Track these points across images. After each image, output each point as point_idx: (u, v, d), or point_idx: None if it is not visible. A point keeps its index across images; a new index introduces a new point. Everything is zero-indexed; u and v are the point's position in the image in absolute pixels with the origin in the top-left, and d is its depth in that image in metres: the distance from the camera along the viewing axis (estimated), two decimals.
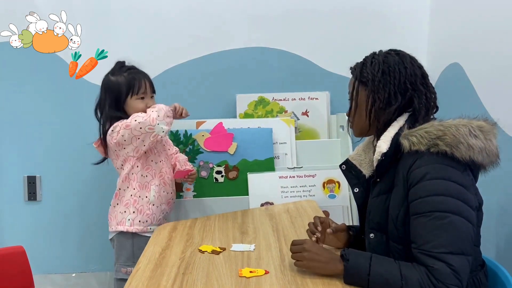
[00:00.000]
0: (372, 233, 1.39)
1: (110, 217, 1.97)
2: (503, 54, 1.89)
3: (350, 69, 1.48)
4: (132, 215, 1.91)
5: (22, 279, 1.70)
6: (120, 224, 1.92)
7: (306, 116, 2.52)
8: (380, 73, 1.37)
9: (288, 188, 2.27)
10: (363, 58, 1.45)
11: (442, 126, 1.26)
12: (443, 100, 1.50)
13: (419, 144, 1.26)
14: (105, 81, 1.95)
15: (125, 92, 1.91)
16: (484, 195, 1.34)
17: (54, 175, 2.57)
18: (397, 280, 1.17)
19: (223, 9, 2.53)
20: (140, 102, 1.92)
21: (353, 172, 1.51)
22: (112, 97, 1.91)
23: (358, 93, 1.42)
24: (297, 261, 1.31)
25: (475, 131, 1.25)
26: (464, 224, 1.18)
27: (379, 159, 1.34)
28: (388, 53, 1.41)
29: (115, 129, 1.86)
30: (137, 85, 1.92)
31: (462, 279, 1.15)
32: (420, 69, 1.41)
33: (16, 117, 2.53)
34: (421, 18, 2.58)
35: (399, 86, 1.36)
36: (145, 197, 1.93)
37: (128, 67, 1.96)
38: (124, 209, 1.92)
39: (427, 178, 1.22)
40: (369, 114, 1.39)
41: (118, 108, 1.91)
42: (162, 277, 1.31)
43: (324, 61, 2.60)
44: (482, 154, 1.24)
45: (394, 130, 1.34)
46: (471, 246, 1.20)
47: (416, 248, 1.21)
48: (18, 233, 2.57)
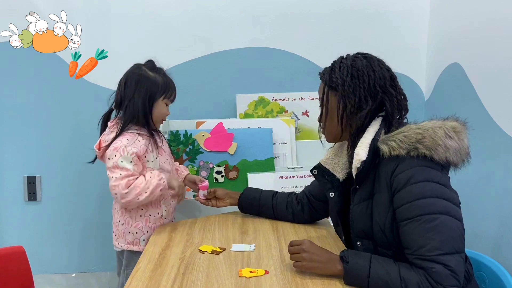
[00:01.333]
0: (358, 241, 1.39)
1: (117, 233, 1.87)
2: (503, 54, 1.89)
3: (318, 74, 1.47)
4: (146, 234, 1.83)
5: (22, 279, 1.70)
6: (133, 244, 1.84)
7: (306, 116, 2.53)
8: (349, 78, 1.37)
9: (288, 188, 2.27)
10: (331, 63, 1.46)
11: (419, 129, 1.27)
12: (443, 100, 1.50)
13: (399, 148, 1.26)
14: (140, 74, 1.84)
15: (161, 92, 1.85)
16: (483, 194, 1.34)
17: (54, 175, 2.58)
18: (397, 282, 1.18)
19: (223, 9, 2.53)
20: (165, 108, 1.89)
21: (326, 177, 1.51)
22: (146, 92, 1.82)
23: (328, 98, 1.42)
24: (295, 262, 1.31)
25: (450, 132, 1.27)
26: (454, 222, 1.20)
27: (358, 167, 1.33)
28: (356, 57, 1.42)
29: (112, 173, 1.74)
30: (171, 89, 1.88)
31: (459, 278, 1.16)
32: (389, 71, 1.41)
33: (16, 117, 2.53)
34: (421, 18, 2.58)
35: (369, 89, 1.36)
36: (157, 214, 1.86)
37: (162, 69, 1.92)
38: (136, 230, 1.83)
39: (411, 182, 1.23)
40: (340, 120, 1.39)
41: (147, 103, 1.82)
42: (162, 277, 1.31)
43: (324, 61, 2.56)
44: (457, 154, 1.26)
45: (370, 135, 1.34)
46: (462, 243, 1.22)
47: (411, 254, 1.21)
48: (18, 233, 2.57)
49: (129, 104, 1.82)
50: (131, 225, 1.84)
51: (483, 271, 1.43)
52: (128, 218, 1.84)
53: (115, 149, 1.76)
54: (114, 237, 1.90)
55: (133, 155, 1.76)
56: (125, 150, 1.76)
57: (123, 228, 1.85)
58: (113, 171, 1.75)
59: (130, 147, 1.76)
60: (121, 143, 1.77)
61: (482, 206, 1.93)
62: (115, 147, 1.76)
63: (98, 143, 1.88)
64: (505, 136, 1.85)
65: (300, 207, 1.74)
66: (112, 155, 1.76)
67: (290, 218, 1.76)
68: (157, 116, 1.87)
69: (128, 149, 1.76)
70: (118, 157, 1.75)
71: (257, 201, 1.79)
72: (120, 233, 1.86)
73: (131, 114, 1.81)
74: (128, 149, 1.76)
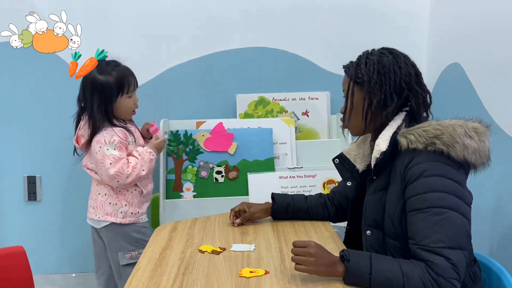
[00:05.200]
0: (368, 230, 1.40)
1: (96, 206, 1.99)
2: (503, 54, 1.89)
3: (343, 67, 1.47)
4: (124, 207, 1.96)
5: (22, 279, 1.70)
6: (111, 215, 1.96)
7: (306, 116, 2.53)
8: (375, 74, 1.37)
9: (288, 188, 2.27)
10: (357, 57, 1.45)
11: (439, 125, 1.28)
12: (443, 100, 1.50)
13: (417, 142, 1.27)
14: (92, 81, 1.91)
15: (116, 92, 1.91)
16: (483, 194, 1.35)
17: (54, 175, 2.58)
18: (399, 277, 1.18)
19: (223, 9, 2.53)
20: (129, 100, 1.96)
21: (346, 166, 1.53)
22: (102, 97, 1.91)
23: (353, 93, 1.42)
24: (297, 264, 1.26)
25: (470, 132, 1.27)
26: (461, 219, 1.21)
27: (377, 157, 1.34)
28: (382, 53, 1.41)
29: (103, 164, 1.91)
30: (126, 84, 1.93)
31: (460, 273, 1.17)
32: (414, 67, 1.41)
33: (16, 117, 2.53)
34: (421, 18, 2.58)
35: (394, 86, 1.37)
36: (134, 190, 1.98)
37: (114, 64, 1.94)
38: (115, 201, 1.96)
39: (425, 175, 1.24)
40: (365, 115, 1.40)
41: (107, 108, 1.92)
42: (162, 277, 1.31)
43: (324, 61, 2.60)
44: (476, 154, 1.26)
45: (392, 129, 1.35)
46: (467, 240, 1.23)
47: (414, 243, 1.22)
48: (18, 233, 2.58)
49: (92, 112, 1.92)
50: (112, 197, 1.96)
51: (483, 271, 1.43)
52: (108, 190, 1.97)
53: (98, 142, 1.90)
54: (92, 211, 2.00)
55: (115, 142, 1.90)
56: (106, 140, 1.89)
57: (103, 200, 1.97)
58: (103, 161, 1.89)
59: (110, 137, 1.90)
60: (102, 136, 1.90)
61: (482, 205, 1.93)
62: (97, 140, 1.90)
63: (76, 138, 2.00)
64: (505, 136, 1.85)
65: (334, 207, 1.77)
66: (96, 148, 1.90)
67: (326, 218, 1.78)
68: (123, 112, 1.97)
69: (110, 138, 1.90)
70: (103, 147, 1.89)
71: (291, 206, 1.77)
72: (99, 205, 1.97)
73: (96, 118, 1.91)
74: (110, 138, 1.90)
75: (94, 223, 2.02)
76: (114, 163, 1.89)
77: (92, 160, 1.96)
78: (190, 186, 2.29)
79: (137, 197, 2.00)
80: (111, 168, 1.89)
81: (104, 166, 1.90)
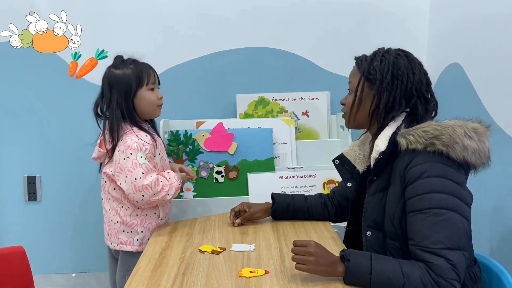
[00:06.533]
0: (369, 230, 1.40)
1: (110, 232, 1.83)
2: (503, 54, 1.89)
3: (355, 58, 1.45)
4: (141, 234, 1.78)
5: (22, 279, 1.70)
6: (126, 244, 1.80)
7: (306, 116, 2.52)
8: (389, 75, 1.36)
9: (288, 189, 2.27)
10: (372, 53, 1.43)
11: (439, 126, 1.28)
12: (443, 100, 1.50)
13: (416, 142, 1.27)
14: (109, 76, 1.78)
15: (136, 84, 1.76)
16: (483, 194, 1.34)
17: (54, 175, 2.58)
18: (399, 277, 1.18)
19: (223, 9, 2.53)
20: (151, 93, 1.79)
21: (347, 167, 1.53)
22: (121, 91, 1.75)
23: (363, 89, 1.41)
24: (298, 263, 1.27)
25: (470, 132, 1.27)
26: (461, 220, 1.21)
27: (376, 158, 1.34)
28: (398, 54, 1.40)
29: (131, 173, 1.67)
30: (146, 75, 1.78)
31: (460, 273, 1.17)
32: (425, 76, 1.41)
33: (16, 117, 2.53)
34: (421, 17, 2.58)
35: (405, 91, 1.36)
36: (153, 214, 1.81)
37: (131, 60, 1.82)
38: (130, 229, 1.78)
39: (424, 176, 1.24)
40: (371, 114, 1.39)
41: (128, 104, 1.75)
42: (162, 277, 1.31)
43: (324, 61, 2.60)
44: (475, 155, 1.26)
45: (392, 129, 1.35)
46: (467, 241, 1.23)
47: (414, 244, 1.22)
48: (18, 233, 2.57)
49: (112, 108, 1.75)
50: (127, 224, 1.78)
51: (483, 272, 1.43)
52: (124, 217, 1.78)
53: (128, 147, 1.69)
54: (107, 237, 1.86)
55: (147, 151, 1.71)
56: (139, 146, 1.70)
57: (116, 227, 1.80)
58: (133, 169, 1.67)
59: (142, 144, 1.71)
60: (132, 141, 1.70)
61: (482, 206, 1.93)
62: (128, 145, 1.70)
63: (99, 143, 1.84)
64: (505, 136, 1.85)
65: (334, 207, 1.78)
66: (126, 153, 1.69)
67: (326, 218, 1.78)
68: (146, 107, 1.80)
69: (142, 145, 1.70)
70: (135, 153, 1.68)
71: (291, 206, 1.78)
72: (113, 233, 1.81)
73: (116, 115, 1.74)
74: (142, 145, 1.70)
75: (112, 246, 1.86)
76: (146, 173, 1.68)
77: (115, 167, 1.73)
78: (190, 186, 2.29)
79: (155, 220, 1.81)
80: (143, 178, 1.67)
81: (132, 174, 1.67)
